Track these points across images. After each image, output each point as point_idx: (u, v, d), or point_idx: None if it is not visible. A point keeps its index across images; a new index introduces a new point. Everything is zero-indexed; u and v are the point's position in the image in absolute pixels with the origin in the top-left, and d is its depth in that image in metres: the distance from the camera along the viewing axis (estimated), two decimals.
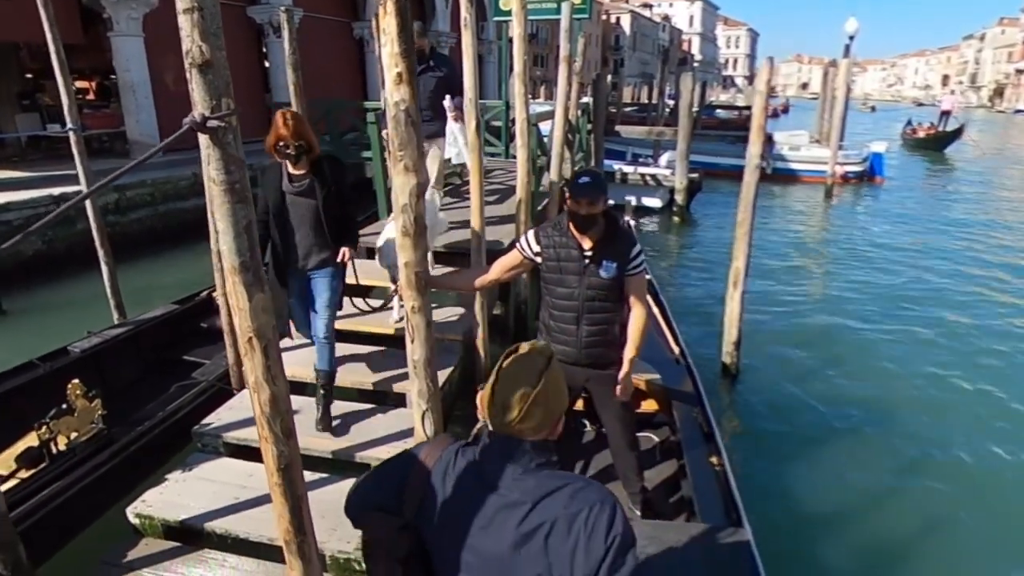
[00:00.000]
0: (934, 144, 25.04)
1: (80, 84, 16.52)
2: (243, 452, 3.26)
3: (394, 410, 3.51)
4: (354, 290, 4.00)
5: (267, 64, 15.20)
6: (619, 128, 16.47)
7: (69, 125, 4.93)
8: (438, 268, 4.62)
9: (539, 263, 2.70)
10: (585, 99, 11.77)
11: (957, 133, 24.47)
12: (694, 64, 64.47)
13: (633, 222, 9.53)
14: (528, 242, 2.72)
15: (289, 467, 1.74)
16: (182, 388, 3.76)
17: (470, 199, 3.88)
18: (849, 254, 10.24)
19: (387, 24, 2.28)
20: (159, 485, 3.04)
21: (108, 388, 3.96)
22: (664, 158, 14.54)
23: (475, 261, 3.97)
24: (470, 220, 3.90)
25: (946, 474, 4.29)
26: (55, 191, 8.22)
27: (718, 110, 29.38)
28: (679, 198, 12.64)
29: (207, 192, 3.53)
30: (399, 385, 3.58)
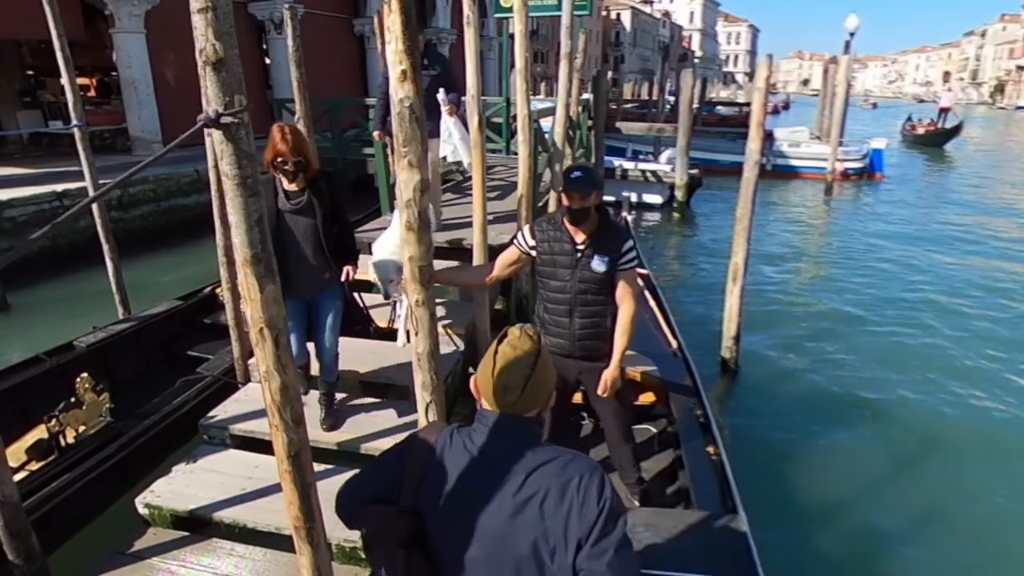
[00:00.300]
0: (934, 140, 25.12)
1: (81, 81, 16.54)
2: (249, 444, 3.31)
3: (397, 403, 3.56)
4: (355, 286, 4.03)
5: (268, 61, 15.23)
6: (619, 124, 16.43)
7: (74, 122, 4.97)
8: (438, 263, 4.66)
9: (534, 256, 2.75)
10: (585, 95, 11.81)
11: (956, 130, 24.55)
12: (695, 60, 64.43)
13: (631, 218, 9.58)
14: (524, 236, 2.77)
15: (298, 455, 1.78)
16: (187, 383, 3.81)
17: (472, 195, 3.92)
18: (849, 250, 10.28)
19: (391, 22, 2.32)
20: (167, 476, 3.09)
21: (114, 382, 4.02)
22: (664, 154, 14.58)
23: (477, 257, 4.01)
24: (472, 216, 3.94)
25: (941, 466, 4.35)
26: (58, 187, 8.27)
27: (718, 107, 29.37)
28: (679, 194, 12.68)
29: (212, 187, 3.60)
30: (401, 378, 3.63)
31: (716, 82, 72.61)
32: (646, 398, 3.90)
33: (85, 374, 3.24)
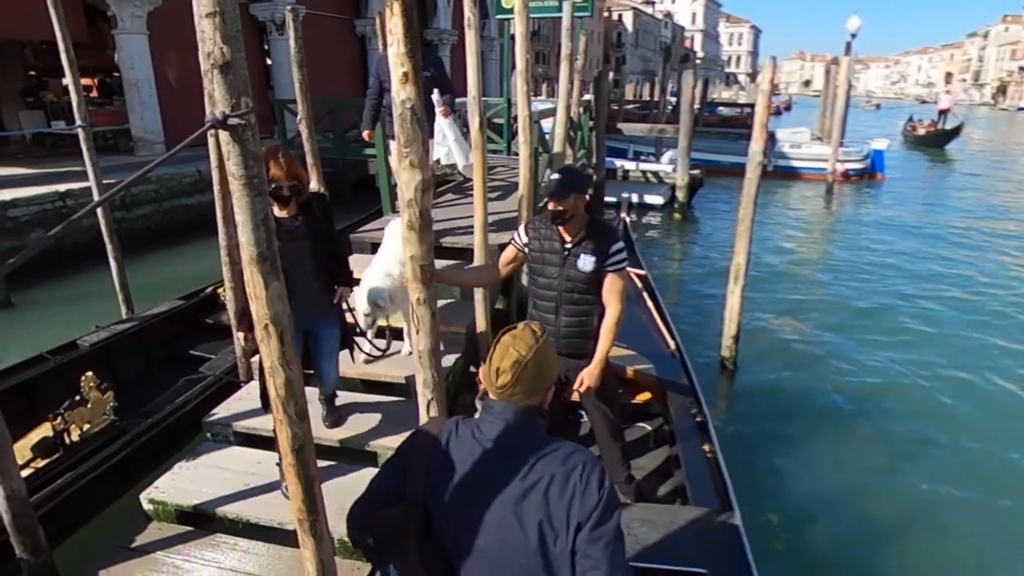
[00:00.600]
0: (934, 141, 25.19)
1: (83, 82, 16.59)
2: (252, 441, 3.34)
3: (398, 400, 3.59)
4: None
5: (269, 62, 15.28)
6: (621, 125, 16.48)
7: (79, 122, 5.01)
8: (437, 263, 4.68)
9: (527, 253, 2.79)
10: (587, 96, 11.84)
11: (957, 131, 24.62)
12: (696, 61, 64.39)
13: (630, 219, 9.61)
14: (519, 234, 2.83)
15: (303, 448, 1.81)
16: (190, 382, 3.84)
17: (473, 196, 3.95)
18: (849, 251, 10.30)
19: (393, 25, 2.35)
20: (171, 472, 3.12)
21: (117, 381, 4.05)
22: (666, 155, 14.62)
23: (479, 257, 4.04)
24: (471, 216, 3.97)
25: (937, 466, 4.37)
26: (61, 187, 8.31)
27: (720, 107, 29.41)
28: (680, 195, 12.70)
29: (215, 187, 3.63)
30: (402, 376, 3.66)
31: (718, 83, 72.58)
32: (643, 397, 3.93)
33: (90, 373, 3.28)
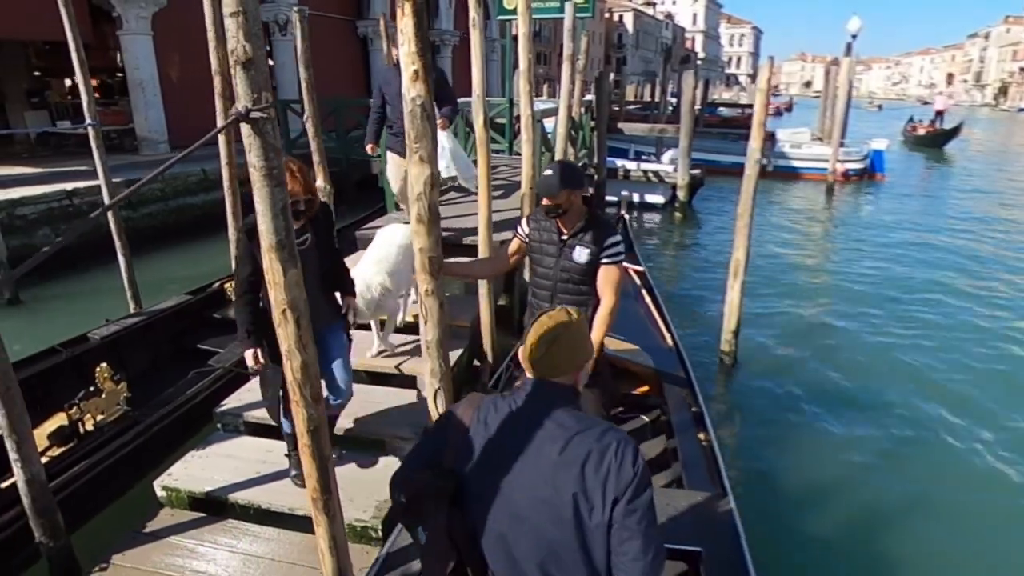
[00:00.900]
0: (934, 141, 25.33)
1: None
2: (261, 431, 3.42)
3: (403, 391, 3.67)
4: None
5: (271, 62, 15.37)
6: (622, 125, 16.54)
7: (88, 121, 5.08)
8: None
9: (528, 243, 2.87)
10: (588, 96, 11.92)
11: (956, 130, 24.76)
12: (697, 62, 64.49)
13: (628, 217, 9.69)
14: (522, 225, 2.92)
15: (317, 430, 1.89)
16: (200, 374, 3.92)
17: (477, 194, 4.03)
18: (849, 249, 10.38)
19: (404, 25, 2.44)
20: (183, 460, 3.20)
21: (127, 374, 4.13)
22: (667, 155, 14.68)
23: (483, 253, 4.12)
24: (471, 214, 4.06)
25: (932, 461, 4.44)
26: (68, 186, 8.39)
27: (720, 108, 29.49)
28: (681, 194, 12.78)
29: (225, 183, 3.72)
30: (408, 367, 3.74)
31: (718, 84, 72.68)
32: (641, 389, 4.01)
33: (104, 364, 3.36)
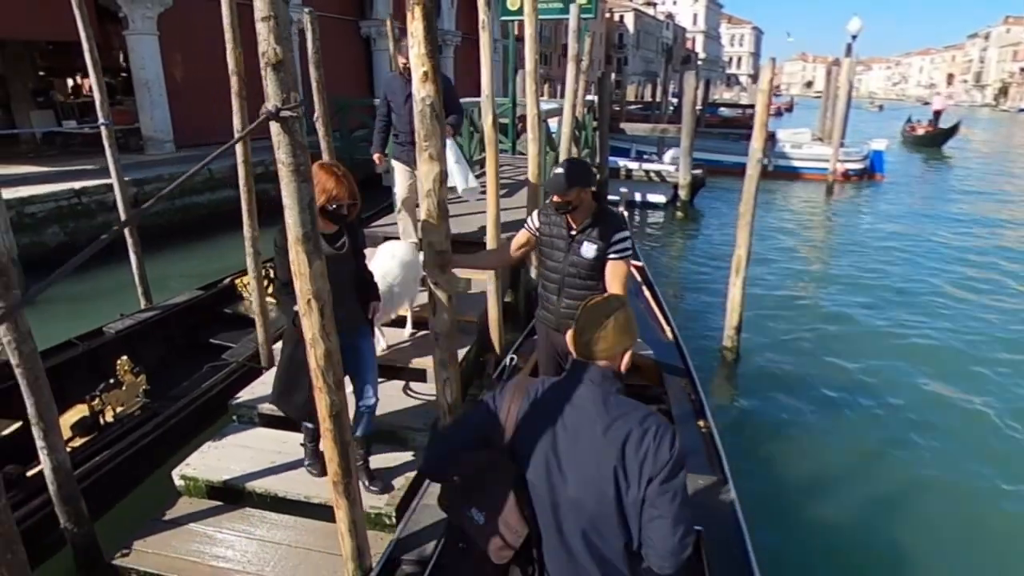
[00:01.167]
0: (932, 141, 25.49)
1: (89, 82, 16.79)
2: (275, 422, 3.51)
3: (413, 384, 3.76)
4: None
5: None
6: (624, 125, 16.63)
7: (101, 120, 5.18)
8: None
9: (538, 237, 2.96)
10: (590, 97, 12.01)
11: (954, 130, 24.91)
12: (698, 62, 64.53)
13: (627, 213, 9.77)
14: (532, 219, 3.00)
15: (340, 415, 1.98)
16: (214, 367, 4.01)
17: (486, 191, 4.12)
18: (849, 249, 10.46)
19: (414, 28, 2.53)
20: (200, 451, 3.30)
21: (142, 367, 4.22)
22: (668, 155, 14.78)
23: (491, 247, 4.20)
24: (486, 211, 4.14)
25: (930, 454, 4.51)
26: (76, 185, 8.48)
27: (721, 108, 29.58)
28: (682, 194, 12.87)
29: (241, 182, 3.80)
30: (417, 360, 3.83)
31: (719, 84, 72.73)
32: (641, 380, 4.09)
33: (125, 357, 3.45)
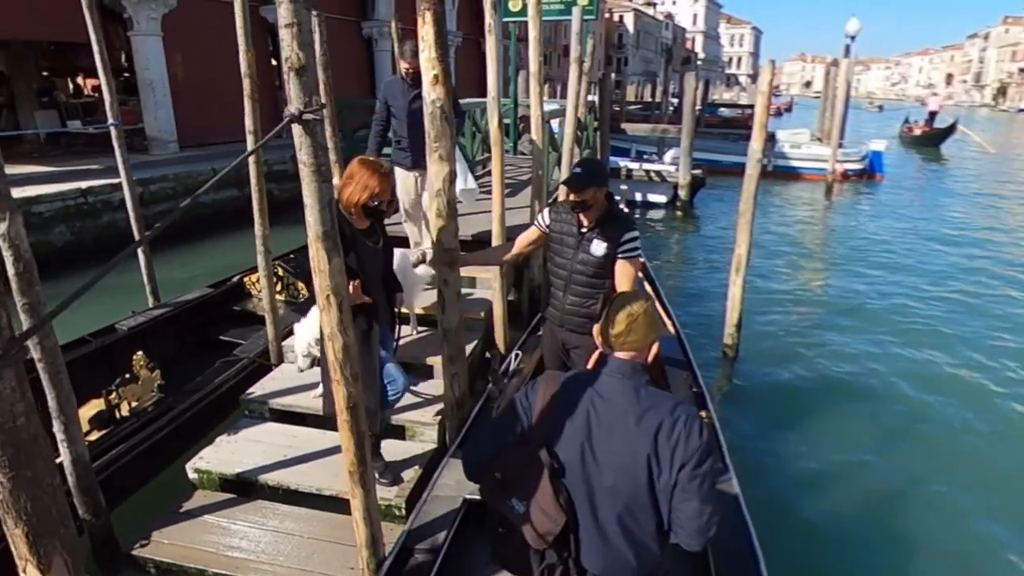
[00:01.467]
0: (930, 141, 25.66)
1: (92, 82, 16.89)
2: (286, 417, 3.60)
3: (422, 379, 3.84)
4: None
5: (274, 62, 15.52)
6: (625, 125, 16.75)
7: (110, 120, 5.24)
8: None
9: (548, 234, 3.03)
10: (591, 97, 12.09)
11: (951, 129, 25.06)
12: (697, 62, 64.62)
13: (626, 211, 9.85)
14: (543, 216, 3.08)
15: (356, 407, 2.05)
16: (226, 363, 4.08)
17: (492, 190, 4.21)
18: (848, 248, 10.54)
19: (425, 32, 2.61)
20: (213, 445, 3.37)
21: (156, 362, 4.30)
22: (668, 155, 14.87)
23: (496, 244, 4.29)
24: (488, 211, 4.23)
25: (929, 448, 4.60)
26: (82, 184, 8.56)
27: (721, 108, 29.65)
28: (682, 194, 12.96)
29: (252, 181, 3.87)
30: (426, 357, 3.91)
31: (719, 84, 72.83)
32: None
33: (140, 352, 3.53)
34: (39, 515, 1.07)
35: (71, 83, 16.97)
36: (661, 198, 13.27)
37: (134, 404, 3.43)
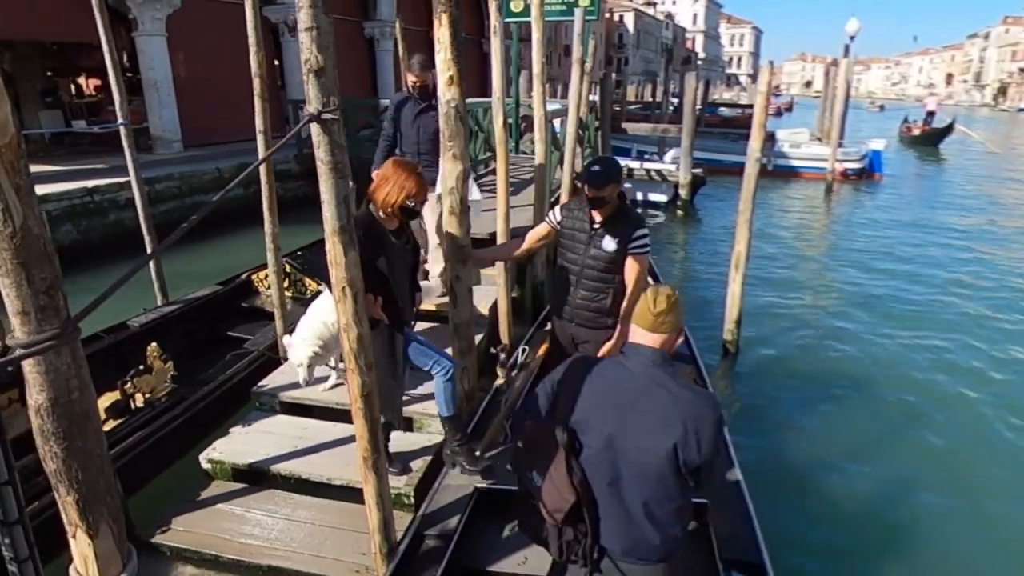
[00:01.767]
0: (928, 140, 25.76)
1: (94, 82, 16.98)
2: (295, 409, 3.68)
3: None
4: None
5: (276, 62, 15.59)
6: (625, 125, 16.81)
7: (120, 120, 5.32)
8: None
9: (559, 230, 3.11)
10: (592, 97, 12.17)
11: (949, 129, 25.16)
12: (698, 62, 64.72)
13: (637, 210, 9.94)
14: (554, 213, 3.16)
15: (370, 395, 2.14)
16: (237, 356, 4.17)
17: (496, 189, 4.29)
18: (847, 246, 10.63)
19: (441, 34, 2.70)
20: (225, 436, 3.46)
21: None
22: (668, 154, 14.94)
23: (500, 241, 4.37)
24: (496, 208, 4.32)
25: (926, 440, 4.69)
26: (88, 183, 8.65)
27: (721, 108, 29.74)
28: (683, 193, 13.04)
29: (262, 179, 3.96)
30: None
31: (719, 83, 72.92)
32: None
33: (154, 344, 3.62)
34: (88, 484, 1.16)
35: (73, 83, 17.08)
36: (662, 197, 13.35)
37: (148, 395, 3.52)
